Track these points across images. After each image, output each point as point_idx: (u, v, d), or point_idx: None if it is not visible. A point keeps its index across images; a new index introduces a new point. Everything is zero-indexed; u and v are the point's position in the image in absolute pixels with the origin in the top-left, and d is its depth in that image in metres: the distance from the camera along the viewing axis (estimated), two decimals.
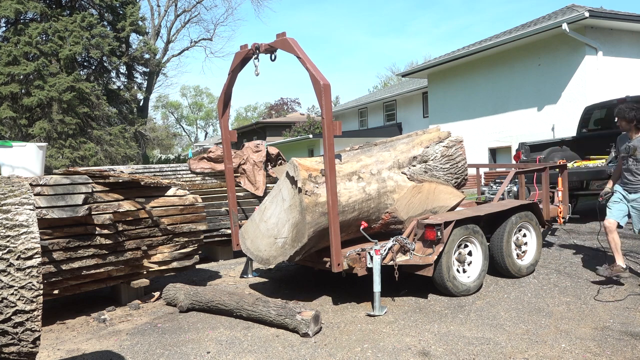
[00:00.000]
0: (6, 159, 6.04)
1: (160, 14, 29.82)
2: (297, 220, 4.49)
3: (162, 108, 63.39)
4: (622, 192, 5.13)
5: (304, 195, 4.40)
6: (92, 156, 19.82)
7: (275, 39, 4.85)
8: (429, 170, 5.30)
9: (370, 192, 4.92)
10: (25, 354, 2.36)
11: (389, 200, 5.06)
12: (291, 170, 4.56)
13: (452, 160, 5.40)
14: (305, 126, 30.30)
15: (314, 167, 4.60)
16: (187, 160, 8.63)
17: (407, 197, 5.11)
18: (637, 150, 4.92)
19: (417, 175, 5.24)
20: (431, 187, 5.23)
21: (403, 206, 5.07)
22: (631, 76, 13.70)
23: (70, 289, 4.67)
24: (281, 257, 4.62)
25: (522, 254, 5.57)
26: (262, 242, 4.80)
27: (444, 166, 5.36)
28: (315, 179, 4.52)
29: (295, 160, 4.57)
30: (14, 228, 2.30)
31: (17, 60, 19.13)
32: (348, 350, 3.73)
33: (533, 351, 3.60)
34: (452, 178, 5.43)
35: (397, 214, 5.06)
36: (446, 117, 18.20)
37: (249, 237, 4.95)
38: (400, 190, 5.13)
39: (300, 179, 4.43)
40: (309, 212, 4.39)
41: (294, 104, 52.29)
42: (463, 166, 5.47)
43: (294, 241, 4.52)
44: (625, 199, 5.09)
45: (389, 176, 5.11)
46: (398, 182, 5.15)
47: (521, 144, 9.37)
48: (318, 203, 4.46)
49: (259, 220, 4.89)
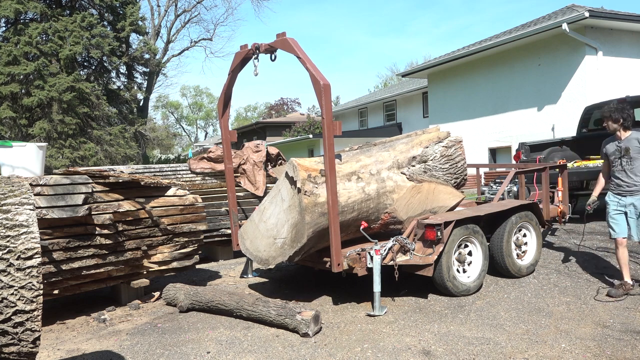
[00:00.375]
0: (6, 159, 6.04)
1: (160, 14, 29.84)
2: (297, 221, 4.49)
3: (162, 108, 63.44)
4: (615, 200, 4.87)
5: (303, 195, 4.39)
6: (92, 156, 19.81)
7: (275, 39, 4.85)
8: (428, 171, 5.29)
9: (370, 192, 4.91)
10: (25, 354, 2.36)
11: (388, 200, 5.05)
12: (290, 170, 4.55)
13: (452, 160, 5.40)
14: (305, 126, 30.30)
15: (313, 167, 4.59)
16: (187, 160, 8.64)
17: (407, 197, 5.10)
18: (629, 149, 4.73)
19: (417, 176, 5.24)
20: (430, 187, 5.23)
21: (402, 206, 5.07)
22: (631, 76, 13.70)
23: (70, 289, 4.67)
24: (280, 258, 4.61)
25: (522, 254, 5.57)
26: (261, 242, 4.79)
27: (444, 166, 5.35)
28: (315, 179, 4.51)
29: (294, 160, 4.57)
30: (14, 228, 2.30)
31: (17, 60, 19.13)
32: (348, 350, 3.73)
33: (533, 351, 3.60)
34: (452, 178, 5.42)
35: (396, 214, 5.05)
36: (446, 117, 18.19)
37: (249, 237, 4.94)
38: (399, 190, 5.12)
39: (299, 179, 4.42)
40: (308, 213, 4.39)
41: (294, 104, 52.30)
42: (462, 166, 5.46)
43: (293, 241, 4.51)
44: (621, 206, 4.83)
45: (388, 176, 5.10)
46: (397, 182, 5.14)
47: (521, 144, 9.37)
48: (317, 203, 4.45)
49: (258, 220, 4.88)
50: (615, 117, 4.77)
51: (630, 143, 4.76)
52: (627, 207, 4.80)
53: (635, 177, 4.75)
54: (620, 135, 4.82)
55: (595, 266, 5.69)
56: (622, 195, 4.81)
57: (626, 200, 4.79)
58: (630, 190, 4.77)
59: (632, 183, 4.76)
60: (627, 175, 4.78)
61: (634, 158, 4.74)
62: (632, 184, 4.76)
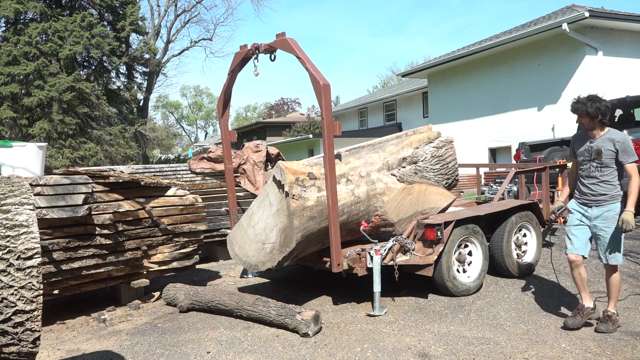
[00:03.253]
0: (6, 159, 6.03)
1: (160, 14, 29.82)
2: (285, 225, 4.41)
3: (162, 108, 63.41)
4: (579, 210, 4.04)
5: (291, 199, 4.32)
6: (92, 156, 19.80)
7: (274, 39, 4.85)
8: (419, 172, 5.21)
9: (360, 194, 4.83)
10: (25, 354, 2.36)
11: (379, 202, 4.97)
12: (278, 174, 4.46)
13: (443, 160, 5.31)
14: (305, 126, 30.31)
15: (301, 171, 4.51)
16: (187, 160, 8.63)
17: (397, 199, 5.02)
18: (601, 153, 3.85)
19: (407, 177, 5.16)
20: (421, 188, 5.14)
21: (393, 208, 4.97)
22: (631, 76, 13.71)
23: (70, 289, 4.67)
24: (270, 263, 4.54)
25: (522, 254, 5.57)
26: (250, 247, 4.71)
27: (434, 167, 5.27)
28: (303, 183, 4.43)
29: (281, 163, 4.48)
30: (14, 228, 2.30)
31: (17, 60, 19.12)
32: (348, 350, 3.73)
33: (533, 351, 3.60)
34: (443, 179, 5.34)
35: (387, 216, 4.94)
36: (446, 117, 18.20)
37: (237, 242, 4.85)
38: (390, 192, 5.04)
39: (287, 182, 4.34)
40: (296, 217, 4.31)
41: (294, 104, 52.27)
42: (454, 167, 5.37)
43: (282, 246, 4.44)
44: (585, 218, 3.99)
45: (378, 178, 5.01)
46: (388, 184, 5.06)
47: (521, 144, 9.38)
48: (306, 207, 4.38)
49: (246, 225, 4.78)
50: (593, 111, 3.82)
51: (604, 144, 3.86)
52: (593, 221, 3.94)
53: (604, 186, 3.88)
54: (595, 134, 3.93)
55: (595, 266, 5.69)
56: (587, 205, 3.98)
57: (592, 212, 3.94)
58: (597, 200, 3.91)
59: (599, 193, 3.89)
60: (595, 184, 3.91)
61: (605, 164, 3.86)
62: (600, 193, 3.89)
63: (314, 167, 4.67)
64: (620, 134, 3.88)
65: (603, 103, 3.85)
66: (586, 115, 3.86)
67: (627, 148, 3.82)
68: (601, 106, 3.82)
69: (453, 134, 17.89)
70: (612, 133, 3.89)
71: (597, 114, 3.83)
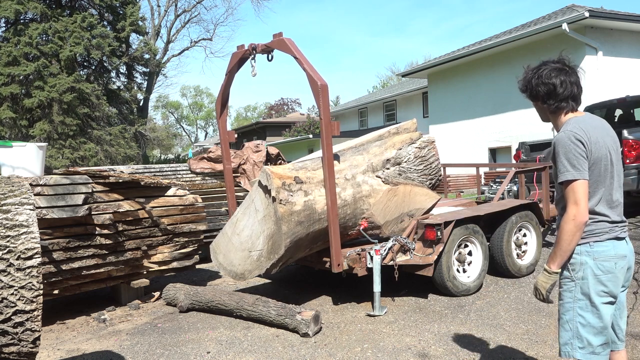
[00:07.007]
0: (6, 159, 6.04)
1: (160, 14, 29.83)
2: (273, 232, 4.32)
3: (162, 108, 63.41)
4: None
5: (278, 204, 4.22)
6: (92, 156, 19.80)
7: (272, 39, 4.84)
8: (403, 173, 5.17)
9: (346, 197, 4.78)
10: (25, 354, 2.37)
11: (365, 205, 4.93)
12: (264, 179, 4.35)
13: (426, 161, 5.28)
14: (305, 126, 30.31)
15: (287, 175, 4.43)
16: (187, 160, 8.63)
17: (383, 201, 4.97)
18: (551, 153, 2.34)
19: (392, 178, 5.12)
20: (406, 189, 5.10)
21: (379, 210, 4.92)
22: (631, 76, 13.69)
23: (70, 289, 4.67)
24: (257, 271, 4.46)
25: (522, 254, 5.57)
26: (235, 256, 4.58)
27: (418, 167, 5.23)
28: (290, 187, 4.34)
29: (267, 168, 4.40)
30: (14, 228, 2.30)
31: (17, 61, 19.11)
32: (348, 350, 3.73)
33: (533, 351, 3.60)
34: (427, 179, 5.31)
35: (373, 218, 4.89)
36: (446, 117, 18.19)
37: (221, 251, 4.70)
38: (375, 194, 4.99)
39: (273, 187, 4.25)
40: (284, 222, 4.23)
41: (294, 104, 52.29)
42: (437, 167, 5.35)
43: (270, 253, 4.35)
44: None
45: (363, 180, 4.97)
46: (373, 186, 5.01)
47: (521, 144, 9.37)
48: (294, 212, 4.30)
49: (231, 233, 4.65)
50: (521, 88, 2.45)
51: (555, 142, 2.27)
52: None
53: None
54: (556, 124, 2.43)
55: None
56: None
57: None
58: None
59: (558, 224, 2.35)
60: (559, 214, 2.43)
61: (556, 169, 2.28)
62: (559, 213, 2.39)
63: (299, 170, 4.60)
64: (561, 132, 2.25)
65: (543, 72, 2.28)
66: (527, 97, 2.44)
67: (557, 155, 2.22)
68: (536, 80, 2.30)
69: (453, 133, 17.90)
70: (571, 123, 2.26)
71: (534, 94, 2.35)
